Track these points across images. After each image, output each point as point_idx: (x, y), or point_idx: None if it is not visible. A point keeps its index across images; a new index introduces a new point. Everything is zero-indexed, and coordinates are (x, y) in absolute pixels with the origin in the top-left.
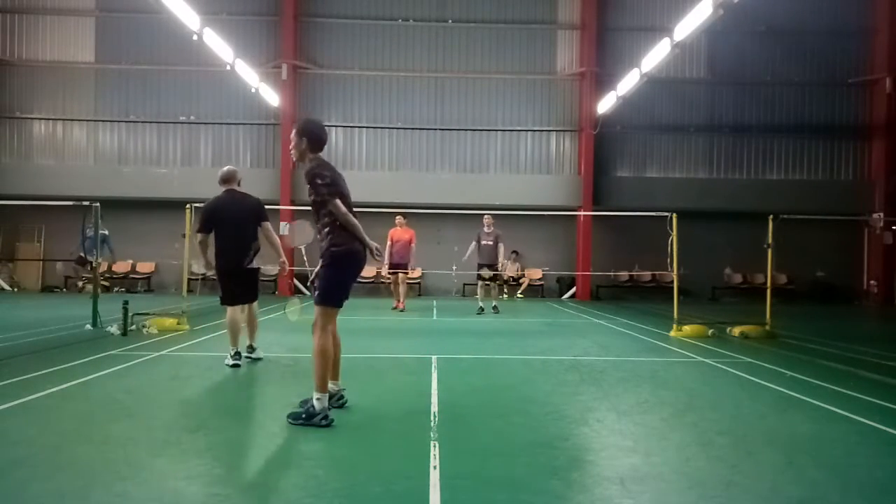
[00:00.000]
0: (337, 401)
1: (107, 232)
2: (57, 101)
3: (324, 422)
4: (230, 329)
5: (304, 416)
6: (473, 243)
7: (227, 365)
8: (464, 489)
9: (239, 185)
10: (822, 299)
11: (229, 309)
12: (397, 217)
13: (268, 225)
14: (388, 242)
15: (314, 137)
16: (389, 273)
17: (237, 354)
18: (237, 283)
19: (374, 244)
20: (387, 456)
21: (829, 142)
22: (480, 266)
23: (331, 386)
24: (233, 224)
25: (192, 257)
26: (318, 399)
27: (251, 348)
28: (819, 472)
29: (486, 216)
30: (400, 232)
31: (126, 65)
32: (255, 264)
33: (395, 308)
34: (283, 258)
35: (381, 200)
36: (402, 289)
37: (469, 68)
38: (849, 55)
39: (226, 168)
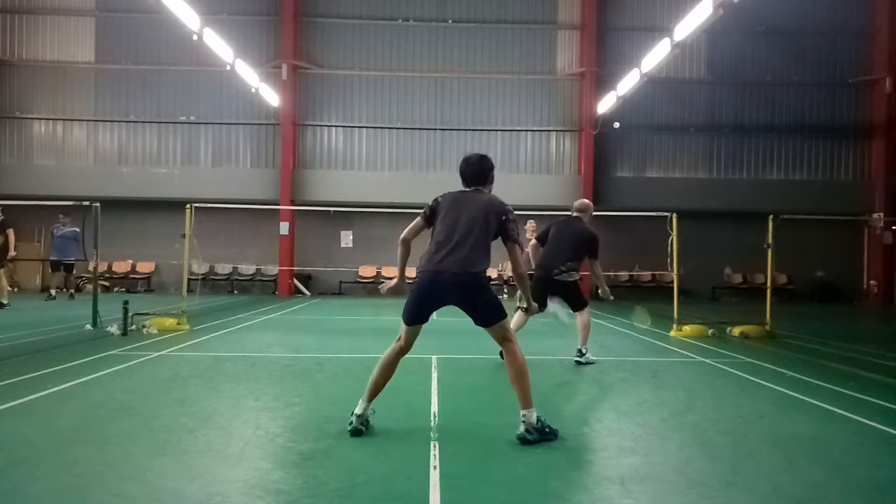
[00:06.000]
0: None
1: (77, 229)
2: (57, 101)
3: (350, 427)
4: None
5: (534, 437)
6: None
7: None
8: (464, 489)
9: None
10: (822, 299)
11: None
12: (530, 222)
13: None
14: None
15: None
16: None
17: None
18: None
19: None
20: (387, 456)
21: (829, 142)
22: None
23: (364, 405)
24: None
25: (191, 257)
26: (535, 416)
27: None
28: (819, 472)
29: (530, 222)
30: None
31: (126, 65)
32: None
33: None
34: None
35: (381, 200)
36: None
37: (469, 68)
38: (849, 55)
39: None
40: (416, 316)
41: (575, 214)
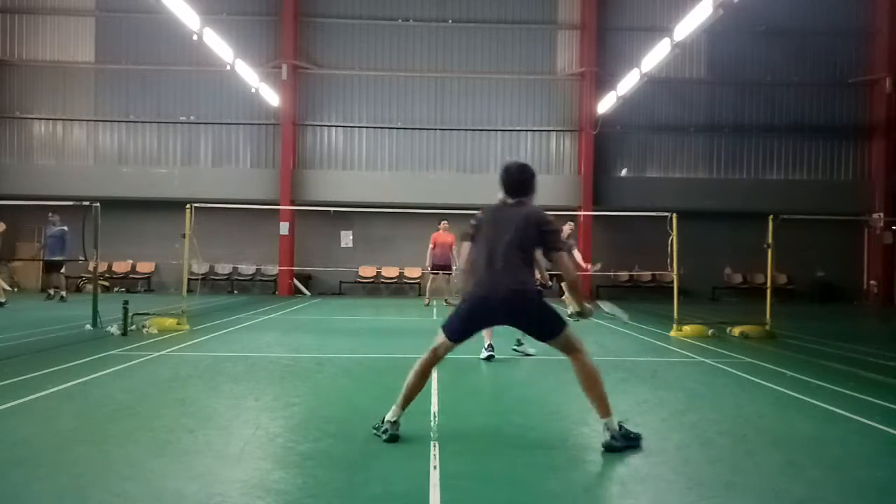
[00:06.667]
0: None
1: (66, 228)
2: (57, 101)
3: (384, 435)
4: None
5: (620, 444)
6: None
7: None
8: (464, 489)
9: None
10: (822, 299)
11: None
12: (442, 222)
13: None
14: (431, 245)
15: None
16: (433, 273)
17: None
18: None
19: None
20: (387, 456)
21: (829, 142)
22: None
23: (398, 412)
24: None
25: (190, 257)
26: (616, 421)
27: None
28: (819, 472)
29: (569, 223)
30: (443, 236)
31: (126, 65)
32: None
33: (427, 305)
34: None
35: (381, 200)
36: (446, 287)
37: (469, 68)
38: (849, 55)
39: None
40: (460, 336)
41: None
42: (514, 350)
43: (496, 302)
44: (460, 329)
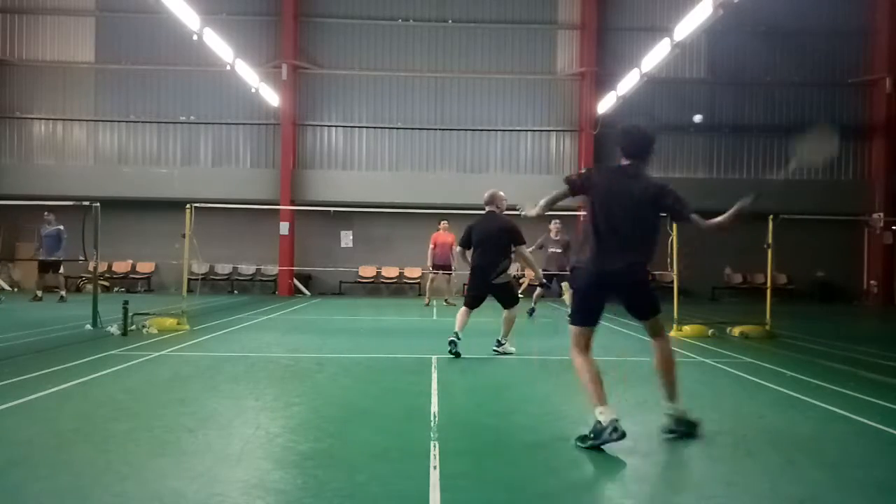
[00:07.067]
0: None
1: (62, 227)
2: (57, 101)
3: (613, 435)
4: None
5: (591, 435)
6: (538, 251)
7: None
8: (464, 489)
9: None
10: (822, 299)
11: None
12: (442, 222)
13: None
14: (431, 245)
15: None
16: (433, 273)
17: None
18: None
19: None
20: (387, 456)
21: None
22: (547, 276)
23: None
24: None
25: (191, 257)
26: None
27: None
28: (819, 472)
29: (554, 222)
30: (443, 235)
31: (126, 65)
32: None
33: (427, 305)
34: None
35: (381, 200)
36: (447, 287)
37: (469, 68)
38: (849, 55)
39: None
40: (589, 317)
41: (487, 209)
42: (494, 351)
43: (617, 278)
44: (586, 309)
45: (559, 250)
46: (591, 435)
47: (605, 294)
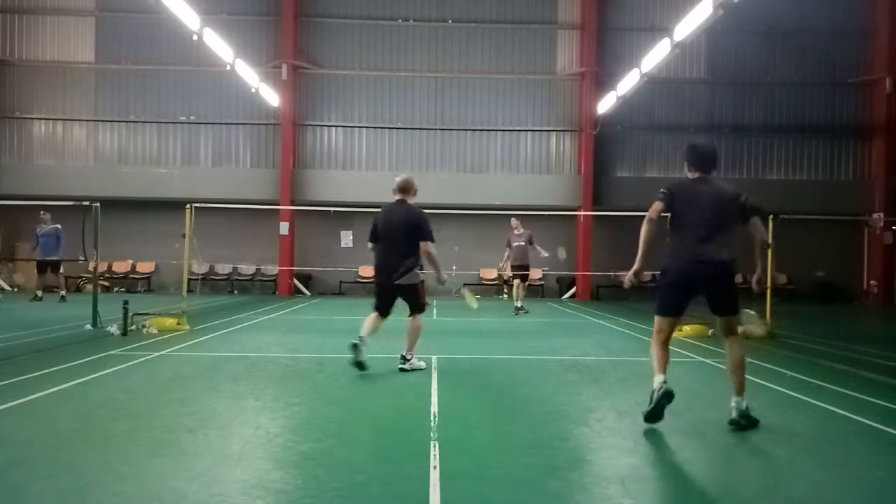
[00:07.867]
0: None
1: (59, 227)
2: (57, 101)
3: (659, 394)
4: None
5: (745, 423)
6: (507, 250)
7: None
8: (464, 489)
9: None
10: (822, 299)
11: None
12: (512, 220)
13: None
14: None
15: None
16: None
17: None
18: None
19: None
20: (387, 456)
21: (829, 142)
22: (516, 268)
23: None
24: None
25: (191, 257)
26: (745, 403)
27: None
28: (819, 472)
29: (512, 219)
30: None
31: (126, 65)
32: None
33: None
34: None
35: (381, 200)
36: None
37: (469, 68)
38: (849, 55)
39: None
40: (674, 307)
41: (398, 197)
42: (401, 369)
43: (709, 270)
44: (674, 302)
45: (524, 243)
46: (653, 396)
47: (694, 289)
